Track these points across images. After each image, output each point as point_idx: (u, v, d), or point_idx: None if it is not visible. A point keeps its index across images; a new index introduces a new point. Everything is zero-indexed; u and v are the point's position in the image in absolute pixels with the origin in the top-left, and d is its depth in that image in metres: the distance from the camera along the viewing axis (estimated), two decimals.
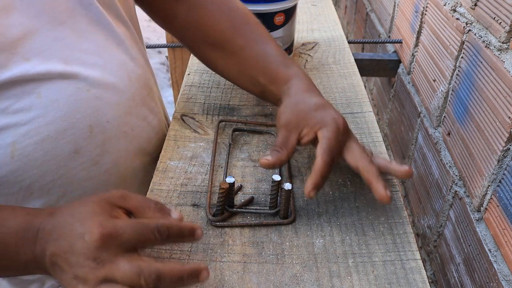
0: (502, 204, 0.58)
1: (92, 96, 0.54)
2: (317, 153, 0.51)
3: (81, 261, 0.40)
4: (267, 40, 0.64)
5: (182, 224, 0.43)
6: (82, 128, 0.53)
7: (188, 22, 0.68)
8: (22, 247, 0.43)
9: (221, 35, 0.66)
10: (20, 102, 0.49)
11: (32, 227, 0.43)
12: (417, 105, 0.93)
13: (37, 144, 0.51)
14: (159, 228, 0.41)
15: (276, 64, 0.62)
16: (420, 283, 0.46)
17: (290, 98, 0.58)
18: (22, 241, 0.43)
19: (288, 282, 0.46)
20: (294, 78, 0.60)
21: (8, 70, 0.48)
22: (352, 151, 0.53)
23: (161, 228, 0.41)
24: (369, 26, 1.38)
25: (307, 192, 0.49)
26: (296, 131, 0.54)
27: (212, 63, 0.70)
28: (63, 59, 0.52)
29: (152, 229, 0.41)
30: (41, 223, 0.43)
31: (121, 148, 0.59)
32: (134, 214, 0.45)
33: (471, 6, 0.68)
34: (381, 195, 0.48)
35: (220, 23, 0.66)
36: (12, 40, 0.48)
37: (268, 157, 0.52)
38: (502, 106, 0.59)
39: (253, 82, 0.64)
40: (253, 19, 0.67)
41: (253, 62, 0.63)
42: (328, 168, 0.50)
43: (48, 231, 0.43)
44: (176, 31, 0.71)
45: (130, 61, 0.60)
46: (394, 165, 0.53)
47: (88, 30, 0.55)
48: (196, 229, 0.44)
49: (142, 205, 0.45)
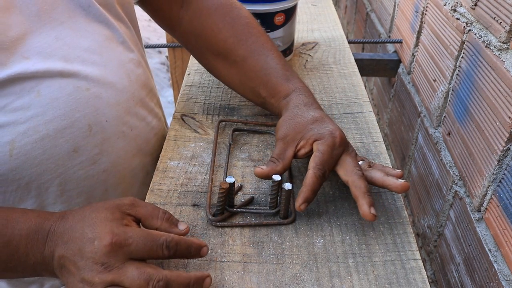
0: (502, 204, 0.58)
1: (92, 95, 0.54)
2: (309, 166, 0.52)
3: (89, 265, 0.40)
4: (270, 51, 0.65)
5: (190, 240, 0.44)
6: (81, 127, 0.53)
7: (191, 30, 0.68)
8: (31, 248, 0.43)
9: (224, 45, 0.66)
10: (19, 100, 0.49)
11: (43, 230, 0.44)
12: (417, 105, 0.93)
13: (36, 143, 0.51)
14: (168, 243, 0.42)
15: (277, 77, 0.62)
16: (420, 283, 0.46)
17: (288, 112, 0.58)
18: (32, 243, 0.43)
19: (288, 282, 0.46)
20: (293, 92, 0.61)
21: (8, 68, 0.48)
22: (345, 165, 0.53)
23: (170, 244, 0.42)
24: (369, 26, 1.38)
25: (297, 206, 0.49)
26: (293, 144, 0.55)
27: (215, 71, 0.70)
28: (63, 57, 0.52)
29: (161, 243, 0.42)
30: (52, 225, 0.44)
31: (119, 148, 0.59)
32: (142, 222, 0.46)
33: (471, 6, 0.68)
34: (364, 212, 0.48)
35: (223, 33, 0.66)
36: (12, 39, 0.48)
37: (263, 167, 0.53)
38: (502, 106, 0.59)
39: (254, 93, 0.65)
40: (256, 28, 0.67)
41: (254, 74, 0.64)
42: (319, 182, 0.51)
43: (59, 234, 0.43)
44: (180, 37, 0.71)
45: (129, 61, 0.61)
46: (390, 181, 0.51)
47: (88, 29, 0.55)
48: (203, 247, 0.45)
49: (150, 213, 0.46)
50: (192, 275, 0.42)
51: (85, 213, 0.45)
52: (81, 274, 0.41)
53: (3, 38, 0.48)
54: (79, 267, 0.41)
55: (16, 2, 0.49)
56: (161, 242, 0.42)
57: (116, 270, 0.40)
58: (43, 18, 0.51)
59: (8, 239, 0.43)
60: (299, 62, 0.87)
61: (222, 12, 0.67)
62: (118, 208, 0.45)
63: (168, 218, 0.47)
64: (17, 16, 0.49)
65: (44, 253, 0.43)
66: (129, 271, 0.40)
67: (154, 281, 0.40)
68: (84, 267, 0.41)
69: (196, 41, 0.69)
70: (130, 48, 0.61)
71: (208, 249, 0.46)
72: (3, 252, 0.43)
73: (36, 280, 0.63)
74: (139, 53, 0.65)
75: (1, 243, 0.43)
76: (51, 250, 0.43)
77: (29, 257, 0.43)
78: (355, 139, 0.65)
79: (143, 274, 0.40)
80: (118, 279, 0.40)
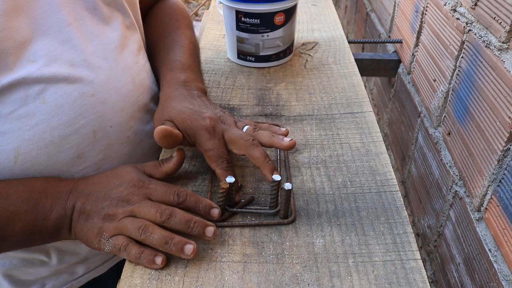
0: (502, 204, 0.58)
1: (97, 101, 0.54)
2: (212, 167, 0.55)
3: (114, 202, 0.48)
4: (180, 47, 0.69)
5: (201, 197, 0.51)
6: (86, 134, 0.53)
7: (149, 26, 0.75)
8: (55, 204, 0.49)
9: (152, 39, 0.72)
10: (24, 107, 0.49)
11: (66, 188, 0.50)
12: (417, 105, 0.93)
13: (41, 150, 0.51)
14: (179, 192, 0.50)
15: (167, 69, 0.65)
16: (420, 283, 0.46)
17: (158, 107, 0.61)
18: (57, 200, 0.49)
19: (288, 282, 0.46)
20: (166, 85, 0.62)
21: (13, 72, 0.48)
22: (233, 141, 0.55)
23: (181, 193, 0.50)
24: (369, 26, 1.38)
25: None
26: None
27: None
28: (69, 61, 0.52)
29: (173, 191, 0.50)
30: (75, 183, 0.51)
31: (124, 153, 0.59)
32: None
33: (471, 6, 0.68)
34: (269, 180, 0.52)
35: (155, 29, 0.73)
36: (19, 43, 0.48)
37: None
38: (502, 106, 0.59)
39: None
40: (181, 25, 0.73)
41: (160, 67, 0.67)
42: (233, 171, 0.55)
43: (80, 189, 0.50)
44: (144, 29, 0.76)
45: (135, 64, 0.60)
46: (277, 141, 0.55)
47: (94, 32, 0.55)
48: (214, 207, 0.50)
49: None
50: (196, 217, 0.48)
51: (108, 172, 0.52)
52: (105, 211, 0.48)
53: (11, 43, 0.47)
54: (102, 207, 0.48)
55: (23, 5, 0.49)
56: (174, 189, 0.50)
57: (137, 204, 0.48)
58: (50, 20, 0.51)
59: (35, 202, 0.49)
60: (299, 62, 0.87)
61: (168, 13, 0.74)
62: (141, 165, 0.54)
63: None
64: (24, 19, 0.49)
65: (66, 206, 0.49)
66: (145, 204, 0.48)
67: (161, 209, 0.47)
68: (109, 205, 0.48)
69: (148, 39, 0.73)
70: (135, 51, 0.61)
71: (219, 213, 0.51)
72: (31, 214, 0.48)
73: (37, 280, 0.63)
74: (143, 56, 0.64)
75: (30, 206, 0.48)
76: (73, 203, 0.49)
77: (52, 213, 0.49)
78: (355, 139, 0.65)
79: (154, 204, 0.48)
80: (136, 209, 0.48)
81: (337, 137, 0.66)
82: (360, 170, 0.59)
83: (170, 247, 0.46)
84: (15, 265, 0.60)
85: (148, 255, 0.46)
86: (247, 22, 0.79)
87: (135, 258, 0.46)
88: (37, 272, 0.62)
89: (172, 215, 0.47)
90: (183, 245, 0.46)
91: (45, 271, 0.62)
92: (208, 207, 0.50)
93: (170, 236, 0.46)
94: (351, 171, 0.59)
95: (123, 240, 0.47)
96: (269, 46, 0.82)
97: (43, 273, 0.62)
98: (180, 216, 0.47)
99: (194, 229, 0.47)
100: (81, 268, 0.65)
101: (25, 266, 0.61)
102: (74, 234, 0.49)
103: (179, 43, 0.69)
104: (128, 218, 0.47)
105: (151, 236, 0.46)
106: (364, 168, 0.60)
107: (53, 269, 0.62)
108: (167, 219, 0.47)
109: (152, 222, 0.47)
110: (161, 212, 0.47)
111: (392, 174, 0.59)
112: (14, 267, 0.60)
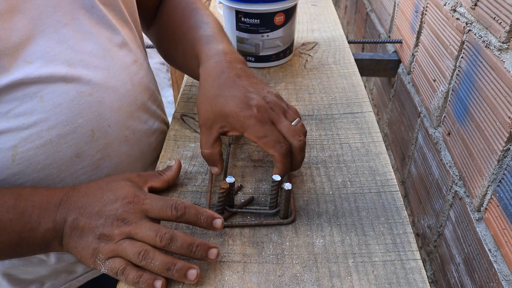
0: (502, 204, 0.58)
1: (95, 100, 0.54)
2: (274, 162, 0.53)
3: (110, 221, 0.45)
4: (206, 23, 0.66)
5: (201, 208, 0.48)
6: (84, 133, 0.53)
7: (165, 24, 0.73)
8: (43, 216, 0.47)
9: (177, 30, 0.69)
10: (22, 106, 0.49)
11: (55, 199, 0.48)
12: (417, 105, 0.93)
13: (39, 148, 0.51)
14: (177, 205, 0.47)
15: (202, 43, 0.63)
16: (420, 283, 0.46)
17: (200, 87, 0.58)
18: (44, 211, 0.47)
19: (288, 282, 0.46)
20: (208, 59, 0.59)
21: (11, 73, 0.48)
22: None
23: (178, 206, 0.47)
24: (369, 26, 1.38)
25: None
26: (216, 129, 0.55)
27: (171, 58, 0.74)
28: (67, 61, 0.52)
29: (170, 204, 0.47)
30: (64, 195, 0.48)
31: (122, 152, 0.59)
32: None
33: (471, 6, 0.68)
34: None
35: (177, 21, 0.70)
36: (15, 44, 0.48)
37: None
38: (502, 106, 0.59)
39: (194, 69, 0.63)
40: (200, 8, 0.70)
41: (190, 46, 0.65)
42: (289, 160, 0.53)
43: (72, 201, 0.48)
44: (153, 31, 0.76)
45: (133, 63, 0.60)
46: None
47: (91, 31, 0.55)
48: (216, 218, 0.47)
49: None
50: (198, 240, 0.45)
51: (101, 184, 0.49)
52: (100, 230, 0.45)
53: (7, 44, 0.47)
54: (97, 225, 0.45)
55: (19, 5, 0.49)
56: (171, 203, 0.47)
57: (134, 224, 0.45)
58: (46, 21, 0.51)
59: (22, 211, 0.46)
60: (299, 62, 0.87)
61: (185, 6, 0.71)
62: (136, 175, 0.52)
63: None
64: (20, 19, 0.49)
65: (56, 219, 0.47)
66: (143, 225, 0.45)
67: (161, 233, 0.45)
68: (104, 224, 0.45)
69: (165, 33, 0.71)
70: (133, 50, 0.61)
71: (223, 223, 0.47)
72: (17, 223, 0.46)
73: (36, 279, 0.63)
74: (141, 55, 0.64)
75: (16, 215, 0.46)
76: (63, 216, 0.47)
77: (40, 225, 0.46)
78: (355, 139, 0.65)
79: (153, 226, 0.45)
80: (133, 231, 0.45)
81: (337, 137, 0.66)
82: (360, 170, 0.59)
83: (173, 273, 0.44)
84: (14, 264, 0.60)
85: (148, 279, 0.44)
86: (247, 22, 0.79)
87: (134, 283, 0.44)
88: (36, 271, 0.62)
89: (172, 239, 0.45)
90: (186, 271, 0.44)
91: (44, 270, 0.62)
92: (210, 218, 0.47)
93: (172, 262, 0.44)
94: (351, 171, 0.59)
95: (120, 264, 0.45)
96: (269, 46, 0.82)
97: (42, 272, 0.62)
98: (182, 240, 0.45)
99: (196, 253, 0.45)
100: (80, 267, 0.65)
101: (23, 265, 0.61)
102: (67, 249, 0.48)
103: (204, 20, 0.67)
104: (126, 241, 0.45)
105: (152, 262, 0.44)
106: (364, 168, 0.60)
107: (52, 268, 0.62)
108: (167, 244, 0.44)
109: (152, 246, 0.45)
110: (160, 236, 0.44)
111: (392, 174, 0.59)
112: (12, 266, 0.60)
